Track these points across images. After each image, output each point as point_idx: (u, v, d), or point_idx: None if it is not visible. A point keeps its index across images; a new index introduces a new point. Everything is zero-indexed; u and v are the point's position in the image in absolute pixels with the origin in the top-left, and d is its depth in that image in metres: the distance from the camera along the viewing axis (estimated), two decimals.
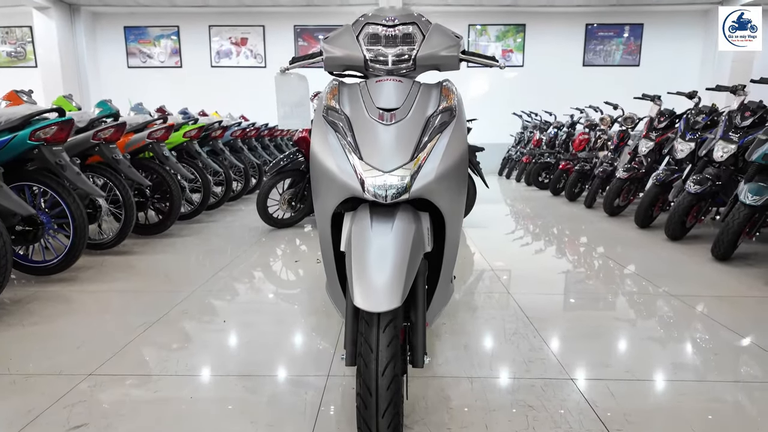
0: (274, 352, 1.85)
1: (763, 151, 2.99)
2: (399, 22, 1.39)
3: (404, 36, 1.39)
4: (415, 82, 1.41)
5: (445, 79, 1.46)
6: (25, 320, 2.14)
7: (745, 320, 2.15)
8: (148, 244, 3.52)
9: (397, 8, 1.45)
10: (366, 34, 1.40)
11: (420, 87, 1.39)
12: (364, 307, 1.04)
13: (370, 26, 1.40)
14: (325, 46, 1.46)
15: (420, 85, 1.40)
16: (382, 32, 1.39)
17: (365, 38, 1.40)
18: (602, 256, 3.35)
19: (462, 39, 1.49)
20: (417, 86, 1.39)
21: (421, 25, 1.42)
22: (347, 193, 1.26)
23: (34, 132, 2.40)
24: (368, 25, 1.40)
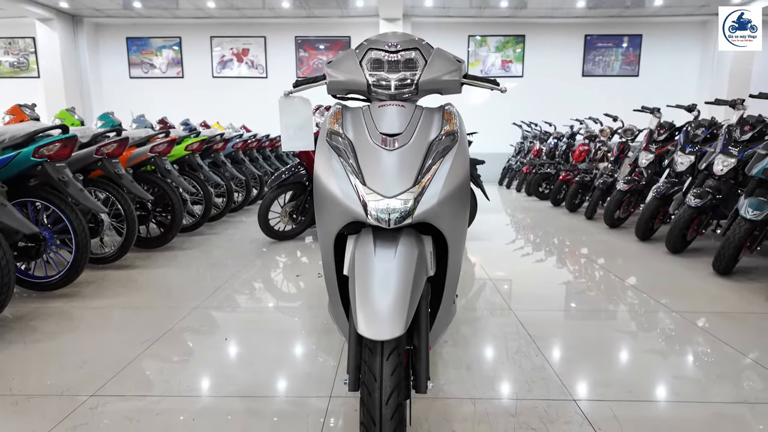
0: (276, 372, 1.84)
1: (762, 166, 3.01)
2: (401, 47, 1.41)
3: (406, 61, 1.41)
4: (418, 106, 1.42)
5: (447, 103, 1.47)
6: (27, 337, 2.14)
7: (748, 338, 2.15)
8: (150, 257, 3.53)
9: (398, 33, 1.47)
10: (369, 59, 1.42)
11: (422, 111, 1.40)
12: (368, 335, 1.05)
13: (372, 51, 1.42)
14: (328, 71, 1.48)
15: (422, 109, 1.41)
16: (384, 57, 1.41)
17: (368, 63, 1.42)
18: (603, 269, 3.35)
19: (463, 63, 1.50)
20: (419, 110, 1.40)
21: (423, 50, 1.44)
22: (350, 217, 1.27)
23: (38, 149, 2.41)
24: (371, 50, 1.42)
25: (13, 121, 3.43)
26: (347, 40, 9.35)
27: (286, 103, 1.59)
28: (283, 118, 1.59)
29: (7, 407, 1.59)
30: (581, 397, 1.64)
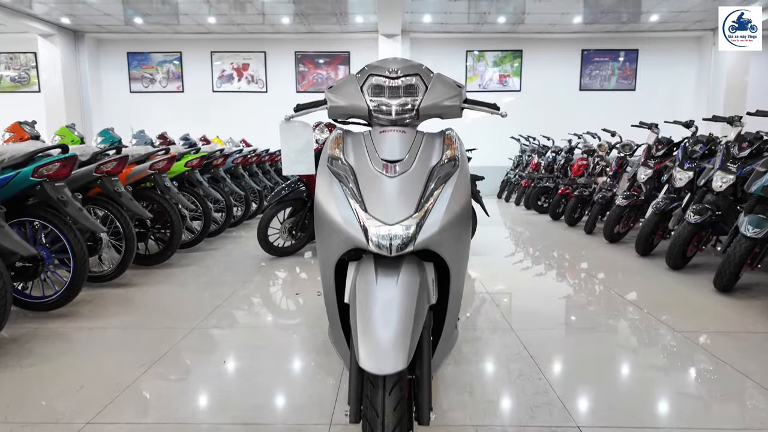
0: (276, 397, 1.82)
1: (761, 184, 3.01)
2: (402, 74, 1.41)
3: (407, 87, 1.42)
4: (419, 131, 1.43)
5: (448, 128, 1.47)
6: (23, 360, 2.11)
7: (751, 359, 2.13)
8: (148, 274, 3.51)
9: (399, 59, 1.47)
10: (370, 84, 1.42)
11: (423, 137, 1.40)
12: (370, 369, 1.03)
13: (373, 77, 1.42)
14: (329, 96, 1.48)
15: (423, 134, 1.41)
16: (385, 83, 1.41)
17: (369, 89, 1.42)
18: (604, 286, 3.34)
19: (463, 88, 1.51)
20: (420, 136, 1.40)
21: (424, 75, 1.44)
22: (351, 244, 1.26)
23: (37, 169, 2.41)
24: (372, 76, 1.42)
25: (13, 138, 3.43)
26: (347, 55, 9.42)
27: (287, 127, 1.59)
28: (284, 143, 1.58)
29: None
30: (585, 423, 1.61)
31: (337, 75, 9.52)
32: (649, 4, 7.52)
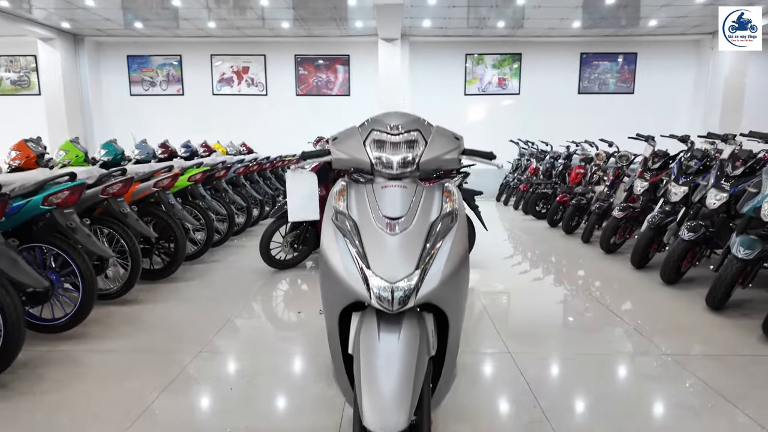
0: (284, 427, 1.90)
1: (753, 204, 3.08)
2: (403, 129, 1.47)
3: (408, 142, 1.48)
4: (419, 185, 1.49)
5: (446, 180, 1.54)
6: (35, 387, 2.19)
7: (740, 386, 2.21)
8: (154, 290, 3.58)
9: (400, 114, 1.53)
10: (372, 139, 1.49)
11: (423, 191, 1.47)
12: (375, 429, 1.11)
13: (375, 132, 1.49)
14: (333, 149, 1.54)
15: (423, 188, 1.48)
16: (387, 139, 1.47)
17: (371, 144, 1.49)
18: (596, 301, 3.41)
19: (462, 139, 1.58)
20: (421, 190, 1.47)
21: (424, 130, 1.51)
22: (354, 298, 1.33)
23: (47, 197, 2.48)
24: (374, 131, 1.49)
25: (19, 157, 3.49)
26: (346, 58, 9.45)
27: (294, 175, 1.67)
28: (291, 189, 1.66)
29: None
30: None
31: (337, 78, 9.55)
32: (648, 10, 7.55)
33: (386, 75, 8.70)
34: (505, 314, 3.20)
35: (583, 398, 2.11)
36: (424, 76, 9.40)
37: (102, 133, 9.82)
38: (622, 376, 2.35)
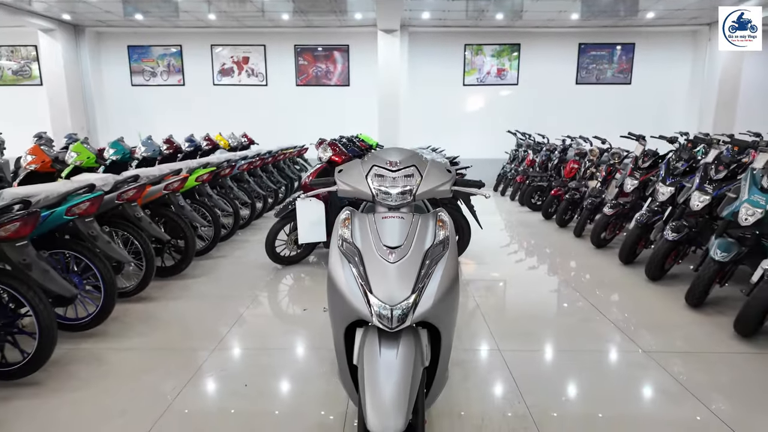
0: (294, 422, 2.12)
1: (731, 209, 3.26)
2: (401, 166, 1.65)
3: (405, 176, 1.66)
4: (415, 215, 1.67)
5: (440, 209, 1.72)
6: (67, 384, 2.40)
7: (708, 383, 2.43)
8: (166, 287, 3.78)
9: (398, 151, 1.71)
10: (373, 174, 1.67)
11: (419, 220, 1.65)
12: (375, 431, 1.32)
13: (376, 168, 1.67)
14: (339, 180, 1.73)
15: (419, 218, 1.66)
16: (387, 174, 1.65)
17: (372, 177, 1.67)
18: (581, 295, 3.61)
19: (453, 171, 1.75)
20: (417, 219, 1.65)
21: (420, 166, 1.69)
22: (357, 317, 1.53)
23: (70, 208, 2.66)
24: (375, 167, 1.67)
25: (35, 161, 3.65)
26: (346, 48, 9.50)
27: (303, 204, 1.85)
28: (301, 216, 1.84)
29: None
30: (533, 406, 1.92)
31: (336, 68, 9.62)
32: (646, 3, 7.61)
33: (385, 66, 8.78)
34: (495, 307, 3.42)
35: (562, 392, 2.33)
36: (423, 67, 9.47)
37: (104, 122, 9.94)
38: (600, 372, 2.57)
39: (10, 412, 2.18)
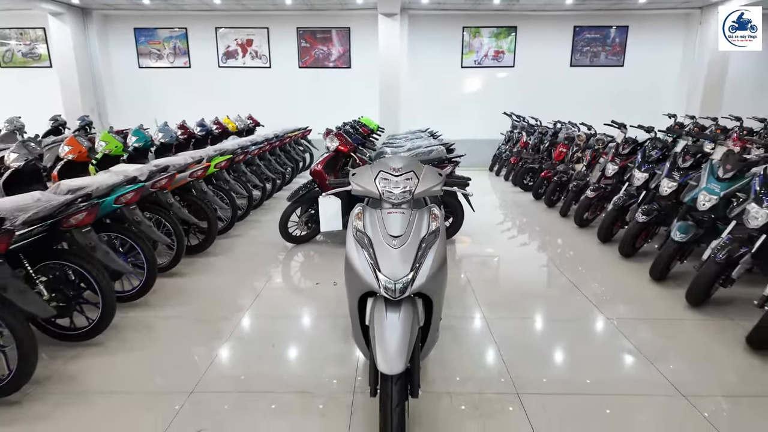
0: (317, 373, 2.62)
1: (692, 195, 3.73)
2: (402, 171, 2.10)
3: (406, 179, 2.11)
4: (413, 210, 2.12)
5: (433, 204, 2.17)
6: (124, 345, 2.90)
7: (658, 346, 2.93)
8: (192, 263, 4.26)
9: (400, 158, 2.14)
10: (380, 178, 2.11)
11: (417, 214, 2.11)
12: (384, 371, 1.80)
13: (382, 173, 2.11)
14: (353, 181, 2.17)
15: (416, 213, 2.11)
16: (391, 178, 2.10)
17: (379, 180, 2.12)
18: (558, 268, 4.10)
19: (443, 175, 2.20)
20: (414, 214, 2.10)
21: (417, 170, 2.13)
22: (369, 289, 2.00)
23: (118, 198, 3.11)
24: (381, 172, 2.11)
25: (72, 151, 4.08)
26: (347, 31, 9.74)
27: (324, 200, 2.29)
28: (322, 210, 2.29)
29: (139, 402, 2.37)
30: (524, 391, 2.43)
31: (338, 50, 9.86)
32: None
33: (386, 49, 9.05)
34: (483, 280, 3.91)
35: (534, 350, 2.83)
36: (422, 49, 9.74)
37: (113, 104, 10.25)
38: (567, 337, 3.08)
39: (82, 366, 2.69)
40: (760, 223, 3.08)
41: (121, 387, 2.50)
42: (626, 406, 2.33)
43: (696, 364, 2.73)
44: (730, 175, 3.57)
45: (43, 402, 2.37)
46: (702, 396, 2.41)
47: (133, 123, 8.47)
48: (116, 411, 2.31)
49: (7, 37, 10.01)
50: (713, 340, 2.99)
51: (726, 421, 2.22)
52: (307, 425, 2.19)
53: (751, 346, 2.84)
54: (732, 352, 2.83)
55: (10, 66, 10.12)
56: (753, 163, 3.61)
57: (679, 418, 2.26)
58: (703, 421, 2.22)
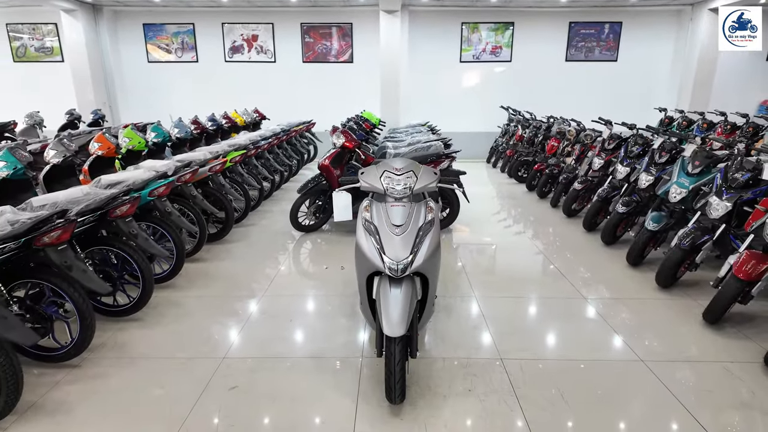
0: (330, 341, 3.05)
1: (664, 189, 4.13)
2: (403, 171, 2.51)
3: (406, 178, 2.52)
4: (413, 204, 2.53)
5: (429, 198, 2.58)
6: (161, 320, 3.33)
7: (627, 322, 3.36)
8: (212, 250, 4.68)
9: (401, 160, 2.55)
10: (384, 176, 2.52)
11: (415, 207, 2.51)
12: (388, 334, 2.23)
13: (386, 172, 2.52)
14: (361, 179, 2.58)
15: (415, 205, 2.52)
16: (393, 176, 2.51)
17: (383, 178, 2.52)
18: (542, 253, 4.52)
19: (438, 173, 2.61)
20: (413, 206, 2.51)
21: (416, 170, 2.54)
22: (375, 269, 2.42)
23: (152, 191, 3.51)
24: (385, 171, 2.52)
25: (101, 148, 4.47)
26: (350, 26, 10.06)
27: (337, 195, 2.71)
28: (336, 202, 2.70)
29: (179, 365, 2.80)
30: (505, 355, 2.86)
31: (340, 46, 10.19)
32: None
33: (387, 45, 9.39)
34: (476, 266, 4.33)
35: (518, 324, 3.26)
36: (422, 45, 10.06)
37: (124, 98, 10.61)
38: (548, 313, 3.50)
39: (128, 337, 3.12)
40: (720, 214, 3.49)
41: (163, 353, 2.93)
42: (591, 368, 2.76)
43: (656, 335, 3.16)
44: (698, 170, 3.97)
45: (100, 365, 2.80)
46: (658, 361, 2.84)
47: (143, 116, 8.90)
48: (162, 372, 2.74)
49: (20, 32, 10.34)
50: (675, 315, 3.42)
51: (676, 381, 2.65)
52: (322, 382, 2.63)
53: (706, 320, 3.26)
54: (689, 326, 3.26)
55: (24, 60, 10.45)
56: (719, 160, 4.01)
57: (636, 379, 2.69)
58: (655, 381, 2.65)
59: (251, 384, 2.62)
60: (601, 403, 2.47)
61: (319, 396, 2.53)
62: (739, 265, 3.03)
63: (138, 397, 2.53)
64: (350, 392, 2.54)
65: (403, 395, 2.35)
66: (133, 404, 2.47)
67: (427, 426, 2.28)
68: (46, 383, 2.62)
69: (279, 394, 2.54)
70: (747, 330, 3.18)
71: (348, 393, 2.54)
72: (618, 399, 2.51)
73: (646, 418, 2.37)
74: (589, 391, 2.56)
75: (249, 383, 2.62)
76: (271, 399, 2.50)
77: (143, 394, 2.55)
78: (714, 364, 2.81)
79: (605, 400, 2.50)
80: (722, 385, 2.62)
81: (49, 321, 2.65)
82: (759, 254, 3.03)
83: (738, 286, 3.05)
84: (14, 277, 2.58)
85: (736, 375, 2.70)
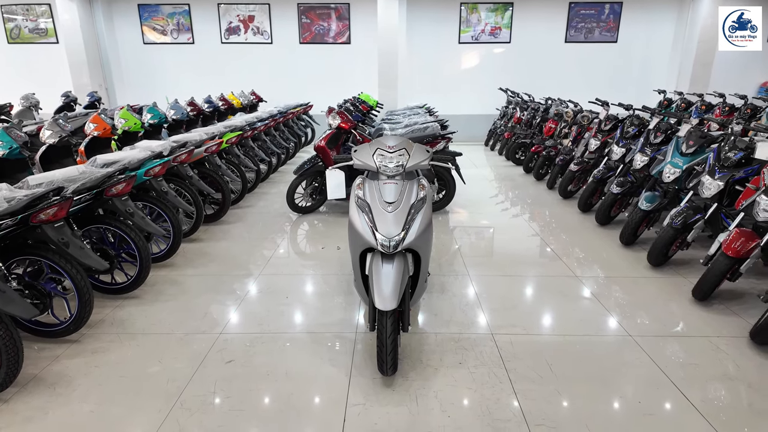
0: (325, 317, 3.11)
1: (659, 169, 4.16)
2: (396, 149, 2.52)
3: (399, 155, 2.53)
4: (405, 181, 2.55)
5: (421, 176, 2.60)
6: (159, 297, 3.38)
7: (619, 300, 3.42)
8: (209, 231, 4.72)
9: (394, 138, 2.56)
10: (377, 153, 2.54)
11: (407, 185, 2.54)
12: (380, 308, 2.27)
13: (379, 150, 2.54)
14: (354, 156, 2.60)
15: (407, 183, 2.55)
16: (386, 154, 2.53)
17: (376, 155, 2.54)
18: (541, 238, 4.56)
19: (431, 151, 2.62)
20: (405, 184, 2.54)
21: (408, 147, 2.56)
22: (369, 245, 2.45)
23: (147, 171, 3.53)
24: (378, 149, 2.54)
25: (97, 128, 4.47)
26: (347, 6, 9.94)
27: (331, 173, 2.73)
28: (329, 181, 2.73)
29: (177, 340, 2.86)
30: (496, 331, 2.92)
31: (338, 27, 10.08)
32: None
33: (385, 25, 9.29)
34: (470, 244, 4.37)
35: (509, 299, 3.32)
36: (420, 25, 9.96)
37: (120, 80, 10.53)
38: (540, 292, 3.55)
39: (126, 314, 3.17)
40: (712, 193, 3.52)
41: (161, 329, 2.98)
42: (580, 344, 2.82)
43: (646, 312, 3.21)
44: (692, 150, 3.99)
45: (99, 340, 2.86)
46: (647, 336, 2.90)
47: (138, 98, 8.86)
48: (161, 346, 2.80)
49: (14, 13, 10.21)
50: (665, 293, 3.47)
51: (664, 355, 2.71)
52: (317, 356, 2.68)
53: (695, 296, 3.32)
54: (678, 302, 3.31)
55: (18, 42, 10.35)
56: (713, 140, 4.02)
57: (624, 353, 2.75)
58: (644, 355, 2.71)
59: (247, 358, 2.68)
60: (590, 376, 2.53)
61: (313, 369, 2.58)
62: (729, 242, 3.07)
63: (137, 370, 2.58)
64: (344, 366, 2.60)
65: (395, 368, 2.40)
66: (132, 377, 2.53)
67: (418, 396, 2.35)
68: (46, 357, 2.68)
69: (274, 368, 2.59)
70: (735, 306, 3.24)
71: (342, 366, 2.59)
72: (606, 372, 2.57)
73: (633, 390, 2.43)
74: (578, 365, 2.62)
75: (245, 358, 2.68)
76: (266, 373, 2.55)
77: (142, 367, 2.61)
78: (701, 339, 2.87)
79: (594, 373, 2.56)
80: (709, 359, 2.68)
81: (48, 297, 2.70)
82: (748, 232, 3.06)
83: (727, 263, 3.09)
84: (13, 253, 2.61)
85: (722, 349, 2.76)
